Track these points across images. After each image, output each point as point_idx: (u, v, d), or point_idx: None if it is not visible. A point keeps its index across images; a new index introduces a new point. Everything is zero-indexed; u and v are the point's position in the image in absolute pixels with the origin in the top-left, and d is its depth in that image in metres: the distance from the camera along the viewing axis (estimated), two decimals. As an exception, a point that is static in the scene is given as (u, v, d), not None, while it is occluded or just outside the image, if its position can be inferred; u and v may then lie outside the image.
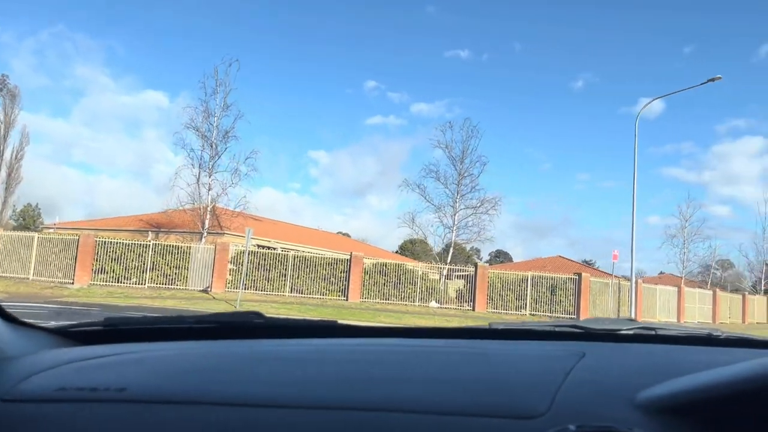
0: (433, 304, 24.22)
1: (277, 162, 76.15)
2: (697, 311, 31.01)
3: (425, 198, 28.87)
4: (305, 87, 79.68)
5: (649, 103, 25.27)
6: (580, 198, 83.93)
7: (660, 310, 28.56)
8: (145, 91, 77.91)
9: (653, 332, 1.42)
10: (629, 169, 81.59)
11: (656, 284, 30.04)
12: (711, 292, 33.16)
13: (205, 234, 24.75)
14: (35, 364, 1.00)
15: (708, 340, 1.38)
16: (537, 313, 24.20)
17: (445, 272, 25.79)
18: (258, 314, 1.42)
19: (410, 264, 25.83)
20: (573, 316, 24.09)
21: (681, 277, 38.18)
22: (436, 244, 29.75)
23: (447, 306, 24.46)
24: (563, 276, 25.16)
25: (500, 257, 58.93)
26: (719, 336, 1.40)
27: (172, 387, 0.89)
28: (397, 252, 48.14)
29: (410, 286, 24.16)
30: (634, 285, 25.40)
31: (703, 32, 74.39)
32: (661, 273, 47.26)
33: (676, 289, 30.26)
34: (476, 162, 28.85)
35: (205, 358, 1.07)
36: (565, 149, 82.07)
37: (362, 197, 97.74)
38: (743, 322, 34.58)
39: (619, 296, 26.05)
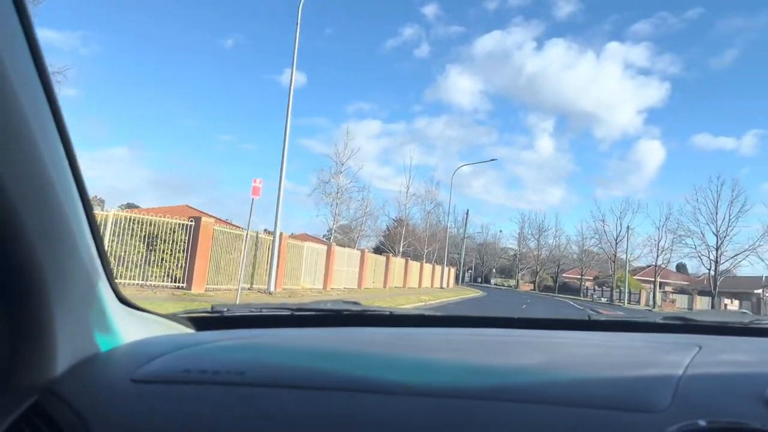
0: None
1: None
2: (345, 275, 25.96)
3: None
4: None
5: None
6: (222, 158, 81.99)
7: (306, 272, 22.04)
8: None
9: (766, 326, 1.35)
10: (270, 134, 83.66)
11: (304, 242, 23.46)
12: (359, 253, 28.74)
13: None
14: (158, 347, 1.06)
15: None
16: (122, 280, 14.06)
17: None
18: (356, 303, 1.56)
19: None
20: (182, 285, 15.01)
21: (318, 238, 33.75)
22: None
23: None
24: (171, 220, 15.50)
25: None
26: None
27: (286, 371, 0.92)
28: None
29: None
30: (278, 239, 18.05)
31: (342, 19, 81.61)
32: (291, 234, 41.80)
33: (325, 247, 24.34)
34: None
35: (315, 344, 1.11)
36: (210, 107, 79.86)
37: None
38: (384, 286, 31.60)
39: (256, 254, 18.16)
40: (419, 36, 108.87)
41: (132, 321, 1.15)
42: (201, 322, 1.38)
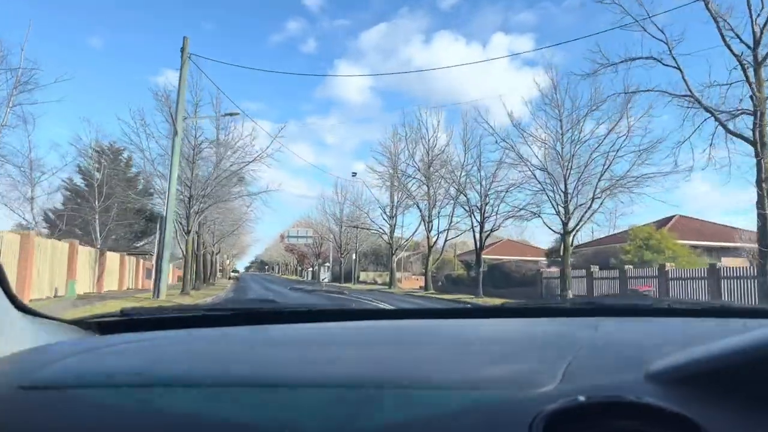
0: None
1: None
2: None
3: None
4: None
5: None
6: None
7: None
8: None
9: (666, 306, 1.44)
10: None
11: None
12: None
13: None
14: (53, 353, 1.01)
15: (722, 312, 1.42)
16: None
17: None
18: (271, 301, 1.54)
19: None
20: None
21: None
22: None
23: None
24: None
25: None
26: (734, 307, 1.46)
27: (186, 370, 0.89)
28: None
29: None
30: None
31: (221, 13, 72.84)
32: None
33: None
34: None
35: (219, 342, 1.09)
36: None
37: None
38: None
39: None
40: (305, 30, 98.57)
41: (31, 328, 1.12)
42: (109, 327, 1.32)
